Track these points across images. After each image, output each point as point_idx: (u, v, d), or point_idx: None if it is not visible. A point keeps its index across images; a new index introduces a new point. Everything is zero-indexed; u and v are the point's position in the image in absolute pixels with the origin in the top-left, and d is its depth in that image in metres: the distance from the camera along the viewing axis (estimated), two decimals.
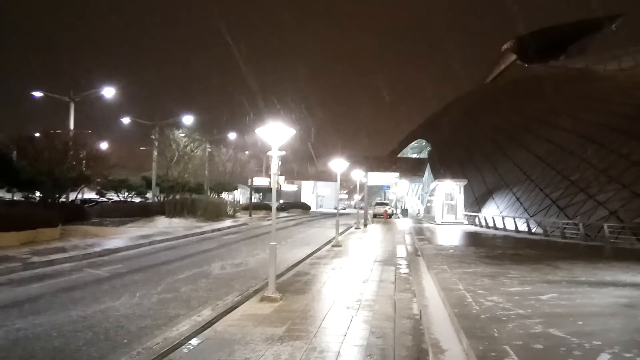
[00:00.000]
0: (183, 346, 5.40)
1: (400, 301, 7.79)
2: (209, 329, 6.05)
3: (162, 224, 23.26)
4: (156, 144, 29.37)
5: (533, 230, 22.71)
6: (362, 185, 32.71)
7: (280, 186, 8.53)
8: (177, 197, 27.89)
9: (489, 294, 7.80)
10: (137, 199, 33.21)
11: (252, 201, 42.86)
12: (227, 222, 27.69)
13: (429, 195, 38.85)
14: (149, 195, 31.41)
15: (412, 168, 51.73)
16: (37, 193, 20.84)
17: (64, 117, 23.48)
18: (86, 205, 27.13)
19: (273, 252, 7.84)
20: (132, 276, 10.23)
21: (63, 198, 21.64)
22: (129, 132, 34.54)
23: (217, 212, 29.47)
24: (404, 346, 5.54)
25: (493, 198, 30.36)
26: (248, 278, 10.04)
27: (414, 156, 59.62)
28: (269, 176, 8.39)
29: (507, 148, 32.56)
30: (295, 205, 52.82)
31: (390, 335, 5.95)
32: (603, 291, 8.39)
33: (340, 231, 18.75)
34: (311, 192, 69.60)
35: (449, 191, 32.04)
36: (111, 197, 33.09)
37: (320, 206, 67.51)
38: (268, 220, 30.94)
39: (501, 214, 27.00)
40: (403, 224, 32.48)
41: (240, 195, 49.93)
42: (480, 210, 30.58)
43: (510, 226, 24.50)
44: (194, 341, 5.58)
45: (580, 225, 19.42)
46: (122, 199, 32.18)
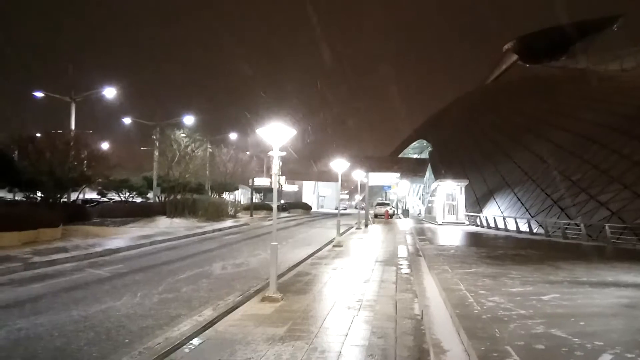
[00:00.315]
0: (184, 346, 5.40)
1: (401, 301, 7.78)
2: (210, 329, 6.05)
3: (163, 224, 23.27)
4: (157, 144, 29.40)
5: (534, 230, 22.68)
6: (363, 185, 32.70)
7: (281, 186, 8.53)
8: (178, 197, 27.90)
9: (491, 295, 7.78)
10: (138, 199, 33.22)
11: (253, 201, 42.86)
12: (228, 222, 27.69)
13: (430, 195, 38.82)
14: (150, 195, 31.42)
15: (413, 168, 51.73)
16: (39, 193, 20.85)
17: (65, 118, 23.52)
18: (87, 205, 27.15)
19: (274, 252, 7.84)
20: (134, 276, 10.24)
21: (64, 198, 21.67)
22: (130, 132, 34.63)
23: (218, 213, 29.47)
24: (405, 346, 5.53)
25: (494, 198, 30.34)
26: (249, 278, 10.03)
27: (415, 156, 59.61)
28: (270, 176, 8.38)
29: (509, 148, 32.54)
30: (296, 205, 52.82)
31: (391, 335, 5.94)
32: (605, 292, 8.38)
33: (341, 231, 18.74)
34: (312, 193, 69.61)
35: (450, 191, 32.01)
36: (112, 197, 33.12)
37: (321, 206, 67.51)
38: (269, 220, 30.94)
39: (502, 214, 26.98)
40: (404, 224, 32.46)
41: (241, 195, 49.97)
42: (481, 210, 30.55)
43: (511, 226, 24.48)
44: (195, 341, 5.58)
45: (581, 225, 19.40)
46: (123, 199, 32.20)
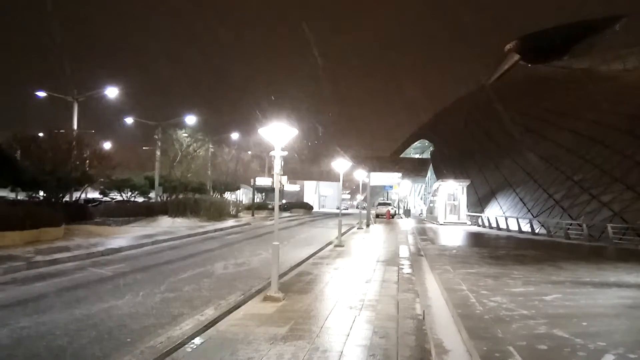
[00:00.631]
0: (186, 345, 5.40)
1: (403, 301, 7.77)
2: (212, 329, 6.05)
3: (165, 224, 23.30)
4: (159, 144, 29.43)
5: (536, 230, 22.65)
6: (365, 185, 32.69)
7: (282, 186, 8.54)
8: (180, 197, 27.92)
9: (493, 295, 7.77)
10: (140, 199, 33.25)
11: (255, 201, 42.88)
12: (230, 222, 27.71)
13: (432, 195, 38.81)
14: (152, 195, 31.45)
15: (415, 168, 51.71)
16: (41, 193, 20.88)
17: (68, 117, 23.58)
18: (89, 204, 27.18)
19: (276, 252, 7.84)
20: (135, 275, 10.25)
21: (66, 198, 21.70)
22: (132, 132, 34.66)
23: (220, 212, 29.50)
24: (407, 346, 5.52)
25: (496, 198, 30.30)
26: (251, 278, 10.04)
27: (417, 156, 59.58)
28: (272, 176, 8.39)
29: (510, 148, 32.49)
30: (297, 205, 52.83)
31: (393, 335, 5.93)
32: (607, 292, 8.36)
33: (342, 231, 18.73)
34: (314, 192, 69.64)
35: (452, 191, 31.99)
36: (114, 197, 33.15)
37: (322, 206, 67.52)
38: (270, 220, 30.96)
39: (504, 215, 26.93)
40: (406, 224, 32.43)
41: (242, 195, 49.98)
42: (483, 210, 30.52)
43: (513, 227, 24.44)
44: (197, 340, 5.59)
45: (584, 225, 19.36)
46: (125, 199, 32.23)
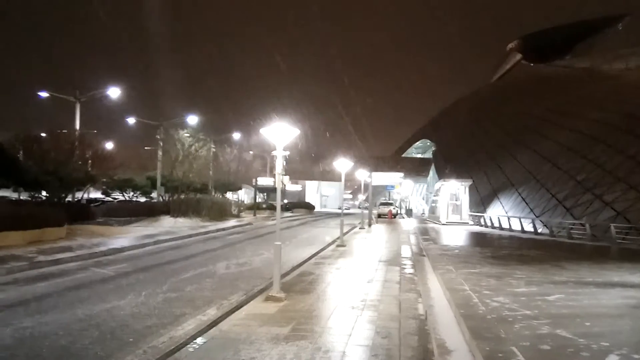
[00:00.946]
0: (189, 345, 5.40)
1: (405, 301, 7.76)
2: (214, 328, 6.05)
3: (167, 224, 23.32)
4: (161, 144, 29.46)
5: (539, 230, 22.59)
6: (367, 185, 32.67)
7: (284, 186, 8.53)
8: (182, 197, 27.94)
9: (495, 295, 7.76)
10: (142, 199, 33.29)
11: (257, 201, 42.89)
12: (232, 222, 27.72)
13: (434, 195, 38.77)
14: (154, 195, 31.49)
15: (417, 168, 51.63)
16: (43, 193, 20.93)
17: (70, 118, 23.63)
18: (92, 204, 27.23)
19: (278, 252, 7.83)
20: (138, 275, 10.26)
21: (69, 198, 21.75)
22: (134, 132, 34.70)
23: (222, 212, 29.52)
24: (410, 346, 5.51)
25: (498, 198, 30.24)
26: (253, 278, 10.03)
27: (419, 156, 59.48)
28: (273, 176, 8.39)
29: (513, 148, 32.42)
30: (299, 205, 52.82)
31: (395, 335, 5.92)
32: (610, 292, 8.33)
33: (344, 231, 18.72)
34: (315, 192, 69.61)
35: (454, 191, 31.94)
36: (116, 197, 33.19)
37: (324, 206, 67.51)
38: (272, 220, 30.95)
39: (507, 214, 26.88)
40: (407, 224, 32.40)
41: (244, 195, 50.01)
42: (485, 210, 30.46)
43: (516, 226, 24.38)
44: (200, 340, 5.59)
45: (586, 225, 19.30)
46: (127, 199, 32.27)
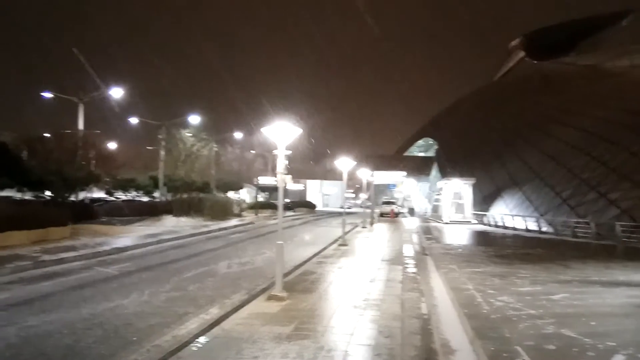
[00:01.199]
0: (192, 344, 5.41)
1: (408, 301, 7.74)
2: (217, 327, 6.05)
3: (170, 223, 23.35)
4: (163, 144, 29.51)
5: (543, 229, 22.50)
6: (369, 184, 32.63)
7: (286, 185, 8.51)
8: (184, 197, 27.98)
9: (499, 294, 7.72)
10: (145, 198, 33.36)
11: (258, 200, 42.91)
12: (234, 221, 27.74)
13: (437, 194, 38.66)
14: (157, 194, 31.56)
15: (419, 167, 51.49)
16: (47, 192, 21.00)
17: (73, 118, 23.68)
18: (95, 204, 27.29)
19: (280, 251, 7.82)
20: (141, 274, 10.27)
21: (72, 197, 21.81)
22: (137, 132, 34.77)
23: (224, 211, 29.52)
24: (413, 346, 5.49)
25: (502, 197, 30.13)
26: (255, 277, 10.03)
27: (421, 155, 59.32)
28: (275, 175, 8.35)
29: (516, 146, 32.26)
30: (301, 204, 52.79)
31: (398, 334, 5.90)
32: (616, 291, 8.28)
33: (346, 230, 18.70)
34: (317, 191, 69.54)
35: (457, 190, 31.85)
36: (119, 197, 33.28)
37: (326, 205, 67.40)
38: (274, 219, 30.95)
39: (510, 213, 26.79)
40: (410, 223, 32.34)
41: (246, 194, 50.03)
42: (488, 209, 30.37)
43: (519, 225, 24.30)
44: (203, 339, 5.59)
45: (591, 224, 19.20)
46: (130, 198, 32.35)
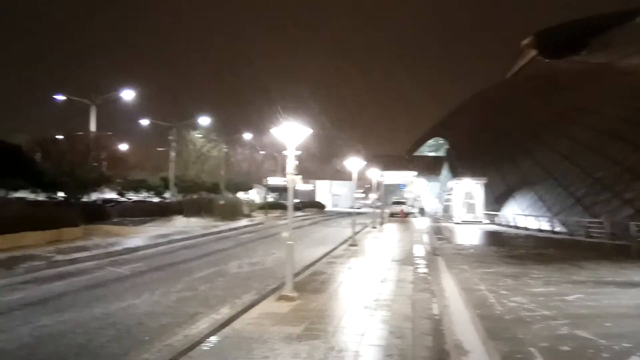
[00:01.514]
0: (203, 344, 5.42)
1: (419, 301, 7.68)
2: (228, 327, 6.06)
3: (180, 224, 23.51)
4: (174, 145, 29.75)
5: (556, 229, 22.22)
6: (378, 184, 32.52)
7: (295, 185, 8.50)
8: (195, 197, 28.18)
9: (512, 295, 7.63)
10: (156, 199, 33.68)
11: (268, 200, 43.05)
12: (244, 222, 27.83)
13: (447, 193, 38.38)
14: (167, 195, 31.84)
15: (430, 166, 51.16)
16: (60, 193, 21.29)
17: (86, 120, 23.97)
18: (107, 205, 27.60)
19: (290, 251, 7.82)
20: (152, 274, 10.35)
21: (85, 198, 22.08)
22: (148, 133, 35.10)
23: (234, 212, 29.66)
24: (425, 347, 5.44)
25: (514, 196, 29.81)
26: (265, 277, 10.04)
27: (431, 154, 58.95)
28: (285, 175, 8.35)
29: (529, 145, 31.88)
30: (310, 204, 52.81)
31: (409, 335, 5.86)
32: (631, 292, 8.14)
33: (356, 230, 18.65)
34: (326, 192, 69.49)
35: (468, 190, 31.60)
36: (131, 197, 33.63)
37: (335, 205, 67.35)
38: (284, 219, 31.01)
39: (523, 213, 26.50)
40: (420, 223, 32.15)
41: (256, 194, 50.22)
42: (500, 209, 30.07)
43: (532, 225, 24.02)
44: (213, 339, 5.60)
45: (605, 224, 18.90)
46: (141, 199, 32.67)
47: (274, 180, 43.00)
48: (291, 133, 7.81)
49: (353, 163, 17.99)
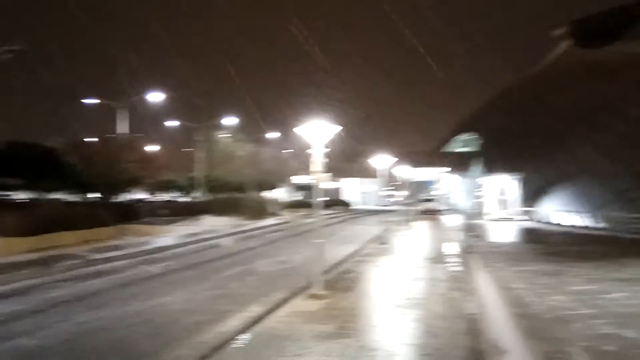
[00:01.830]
0: (234, 341, 5.44)
1: (453, 300, 7.50)
2: (259, 325, 6.07)
3: (208, 223, 23.83)
4: (201, 145, 30.24)
5: (595, 225, 21.40)
6: (407, 181, 32.10)
7: (323, 184, 8.44)
8: (222, 196, 28.54)
9: (551, 293, 7.34)
10: (184, 199, 34.32)
11: (294, 199, 43.23)
12: (270, 220, 28.00)
13: (480, 190, 37.54)
14: (196, 194, 32.39)
15: (460, 162, 49.93)
16: (94, 194, 21.92)
17: (115, 121, 24.66)
18: (137, 205, 28.27)
19: (319, 250, 7.78)
20: (183, 273, 10.52)
21: (117, 199, 22.68)
22: (176, 134, 35.77)
23: (260, 211, 29.87)
24: (461, 346, 5.30)
25: (551, 192, 28.92)
26: (294, 275, 10.01)
27: (462, 150, 57.72)
28: (311, 174, 8.30)
29: (566, 138, 30.78)
30: (337, 202, 52.69)
31: (444, 334, 5.72)
32: None
33: (385, 228, 18.45)
34: (354, 189, 69.22)
35: (502, 185, 30.85)
36: (161, 197, 34.42)
37: (363, 203, 67.02)
38: (310, 218, 31.03)
39: (560, 209, 25.67)
40: (451, 221, 31.54)
41: (282, 193, 50.50)
42: (536, 205, 29.21)
43: (569, 222, 23.24)
44: (245, 336, 5.61)
45: None
46: (171, 199, 33.37)
47: (300, 178, 43.08)
48: (317, 131, 7.74)
49: (381, 160, 17.80)
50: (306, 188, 49.26)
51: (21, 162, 18.60)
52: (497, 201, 30.81)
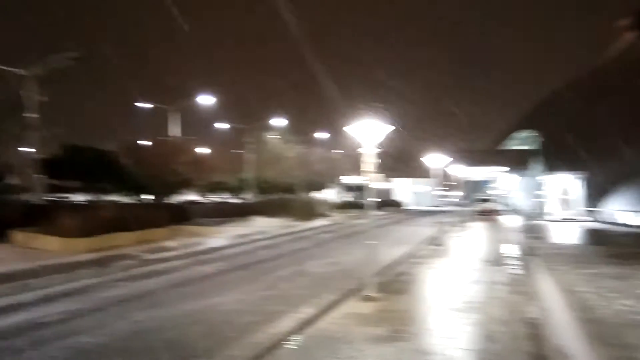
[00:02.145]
0: (287, 342, 5.41)
1: (513, 304, 7.07)
2: (311, 327, 6.01)
3: (259, 224, 24.17)
4: (251, 147, 30.81)
5: None
6: (463, 180, 31.00)
7: (374, 184, 8.26)
8: (272, 197, 28.89)
9: (618, 297, 6.80)
10: (235, 200, 35.03)
11: (344, 200, 43.04)
12: (320, 221, 28.00)
13: (541, 189, 35.59)
14: (246, 196, 32.99)
15: (519, 160, 47.67)
16: (148, 196, 22.68)
17: (169, 124, 25.72)
18: (189, 206, 29.10)
19: (372, 251, 7.64)
20: (235, 273, 10.68)
21: (169, 200, 23.47)
22: (227, 135, 36.67)
23: (310, 212, 29.91)
24: (523, 352, 4.98)
25: (617, 191, 26.87)
26: (345, 277, 9.87)
27: (521, 147, 55.09)
28: (363, 174, 8.15)
29: (632, 135, 28.50)
30: (389, 203, 51.84)
31: (504, 340, 5.41)
32: None
33: (439, 229, 17.87)
34: (406, 189, 67.97)
35: (564, 185, 29.09)
36: (211, 198, 35.26)
37: (416, 204, 65.64)
38: (361, 219, 30.75)
39: (626, 209, 23.78)
40: (510, 221, 30.06)
41: (333, 194, 50.49)
42: (600, 205, 27.26)
43: (637, 222, 21.47)
44: (298, 338, 5.57)
45: None
46: (221, 200, 34.12)
47: (351, 179, 42.77)
48: (369, 131, 7.56)
49: (435, 159, 17.24)
50: (357, 189, 48.90)
51: (79, 166, 19.51)
52: (559, 201, 29.01)
